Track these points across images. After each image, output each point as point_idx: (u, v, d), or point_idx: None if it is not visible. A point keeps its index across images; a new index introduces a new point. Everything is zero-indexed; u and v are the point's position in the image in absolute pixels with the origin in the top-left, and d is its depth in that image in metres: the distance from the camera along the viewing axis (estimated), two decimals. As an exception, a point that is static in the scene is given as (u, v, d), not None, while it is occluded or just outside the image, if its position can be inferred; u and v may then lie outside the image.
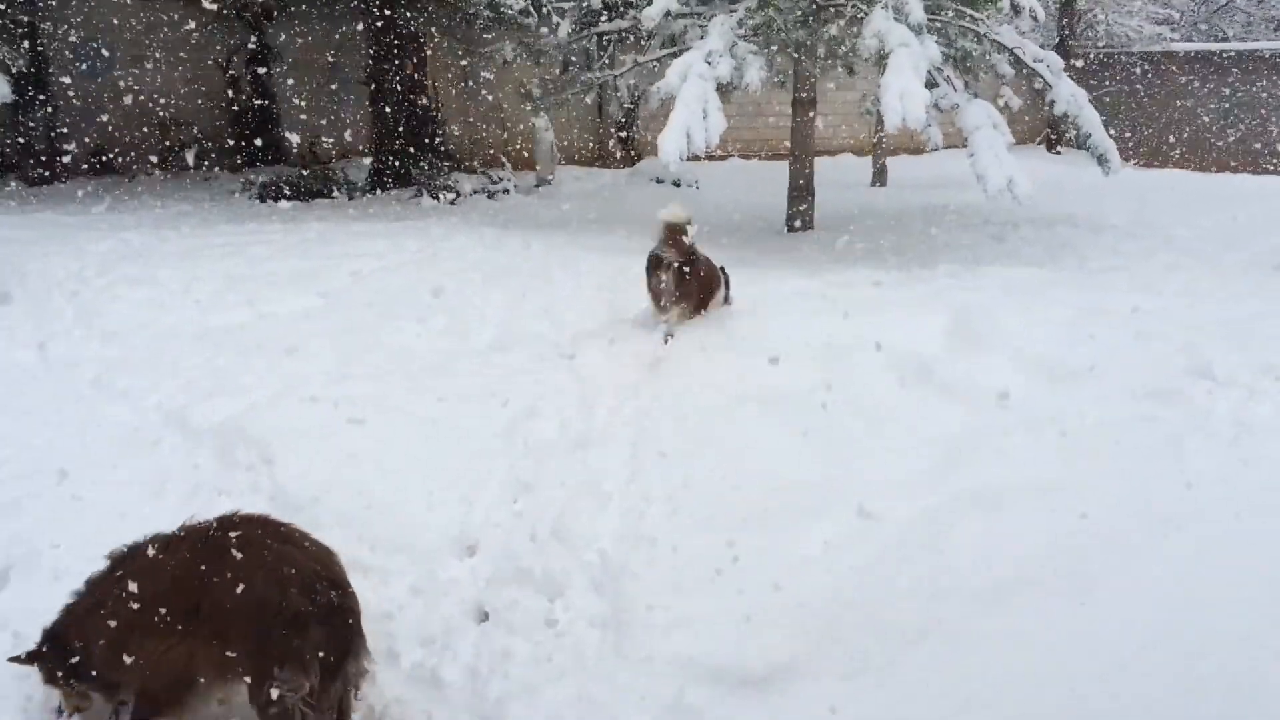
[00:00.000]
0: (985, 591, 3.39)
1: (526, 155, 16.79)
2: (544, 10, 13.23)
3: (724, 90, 9.10)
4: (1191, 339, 5.72)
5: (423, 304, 7.27)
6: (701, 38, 9.61)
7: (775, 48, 10.22)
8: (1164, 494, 4.00)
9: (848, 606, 3.44)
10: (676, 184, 14.92)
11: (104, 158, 15.52)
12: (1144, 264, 8.86)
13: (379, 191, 14.37)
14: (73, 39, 15.11)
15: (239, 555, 2.84)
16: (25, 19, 13.99)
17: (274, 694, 2.70)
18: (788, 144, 11.45)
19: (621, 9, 11.78)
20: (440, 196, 13.74)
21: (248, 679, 2.77)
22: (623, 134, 18.23)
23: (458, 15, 13.94)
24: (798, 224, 11.22)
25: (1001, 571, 3.49)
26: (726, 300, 7.17)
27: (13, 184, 14.07)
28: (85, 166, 15.14)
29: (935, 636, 3.21)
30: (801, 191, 11.26)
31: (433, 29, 15.06)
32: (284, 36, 16.35)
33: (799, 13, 9.78)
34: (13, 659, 3.00)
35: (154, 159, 15.59)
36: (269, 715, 2.75)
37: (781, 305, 7.14)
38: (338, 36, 16.42)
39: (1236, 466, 4.22)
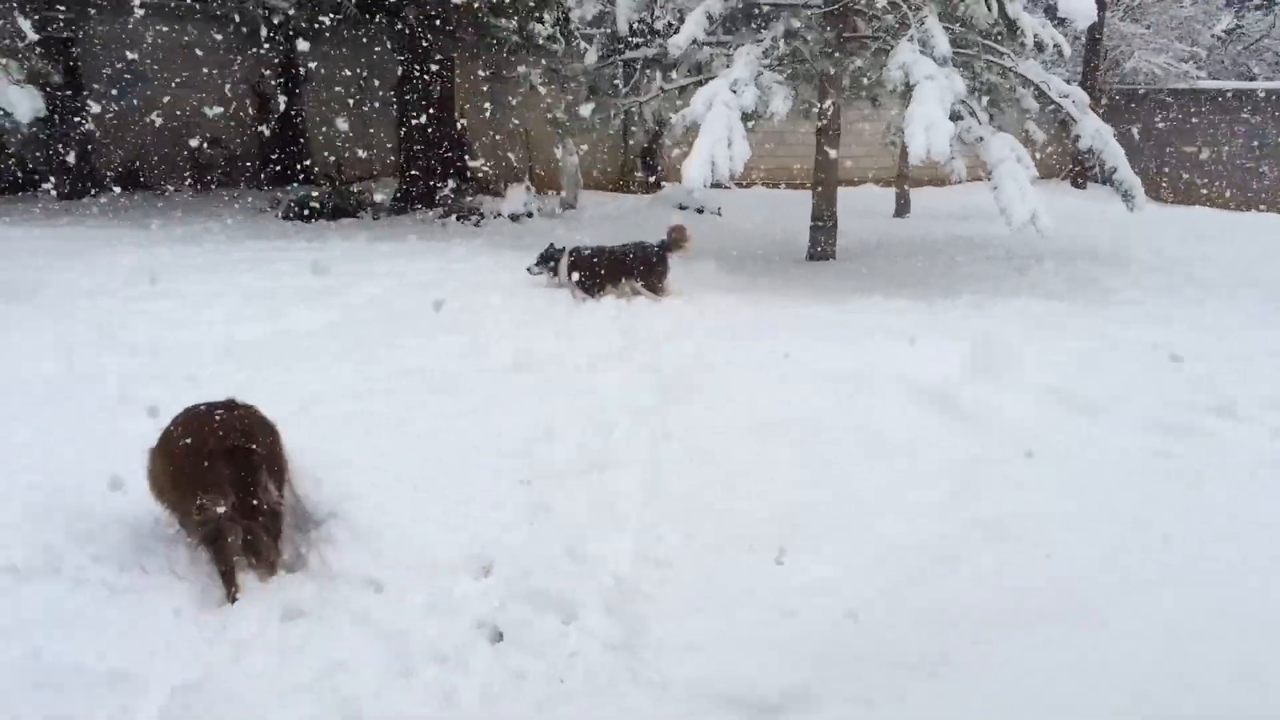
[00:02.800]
0: (997, 620, 3.38)
1: (551, 179, 16.90)
2: (571, 37, 13.37)
3: (748, 119, 9.14)
4: (1211, 374, 5.70)
5: (442, 323, 7.32)
6: (727, 66, 9.68)
7: (800, 78, 10.28)
8: (1177, 528, 3.98)
9: (860, 634, 3.42)
10: (700, 210, 14.97)
11: (134, 173, 15.70)
12: (1165, 299, 8.83)
13: (404, 212, 14.48)
14: (107, 56, 15.33)
15: (198, 423, 3.86)
16: (63, 35, 14.22)
17: (201, 509, 3.61)
18: (811, 173, 11.48)
19: (648, 36, 11.87)
20: (464, 218, 13.83)
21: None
22: (647, 160, 18.33)
23: (486, 40, 14.09)
24: (819, 252, 11.24)
25: (1013, 601, 3.48)
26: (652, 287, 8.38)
27: (44, 197, 14.25)
28: (116, 181, 15.31)
29: (947, 665, 3.19)
30: (824, 220, 11.29)
31: (461, 52, 15.20)
32: (313, 57, 16.54)
33: (825, 44, 9.84)
34: None
35: (184, 175, 15.77)
36: (200, 527, 3.74)
37: (800, 332, 7.14)
38: (366, 58, 16.60)
39: (1253, 502, 4.18)
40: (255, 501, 3.80)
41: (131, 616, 3.60)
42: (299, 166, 16.48)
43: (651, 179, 18.20)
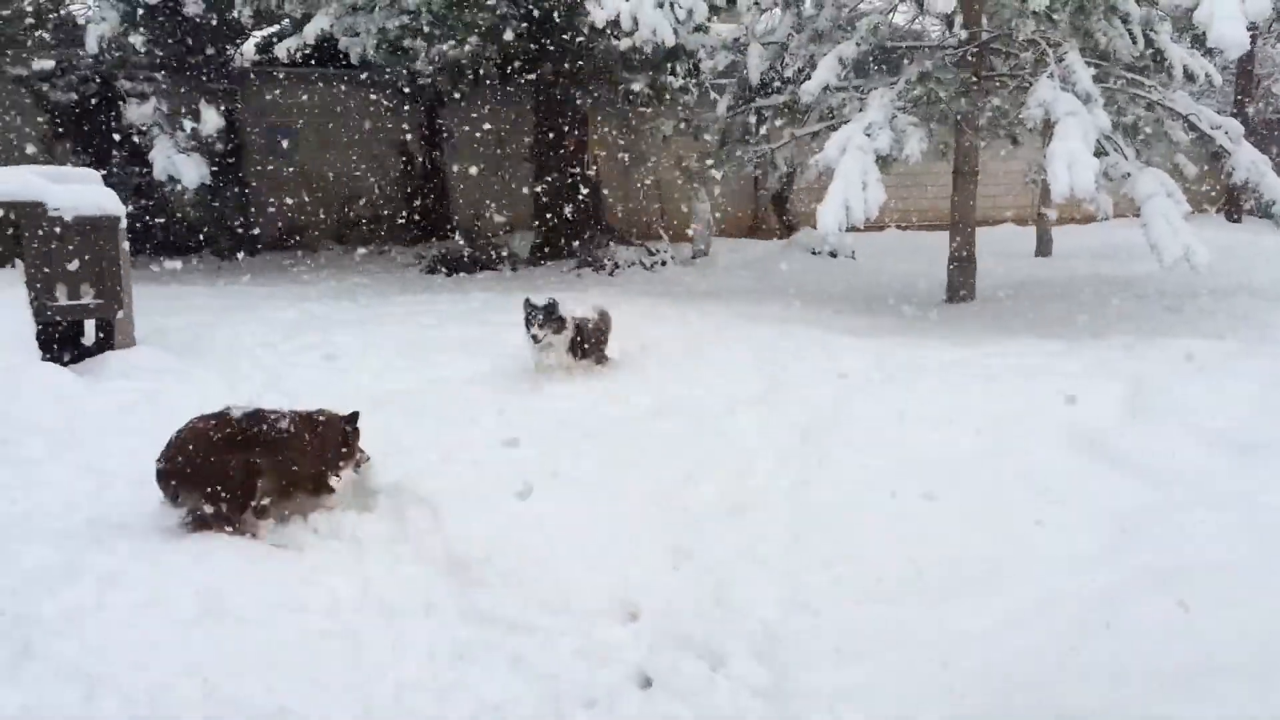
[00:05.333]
0: (1171, 676, 3.20)
1: (683, 227, 17.08)
2: (702, 87, 13.55)
3: (883, 162, 9.09)
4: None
5: (581, 371, 7.45)
6: (860, 110, 9.66)
7: (936, 119, 10.18)
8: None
9: (1019, 687, 3.31)
10: (833, 254, 14.90)
11: (289, 232, 16.55)
12: (1336, 336, 8.33)
13: (541, 263, 14.85)
14: (265, 123, 16.26)
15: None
16: (224, 105, 15.17)
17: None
18: (947, 214, 11.31)
19: (780, 84, 11.95)
20: (599, 268, 14.09)
21: None
22: (779, 206, 18.36)
23: (620, 93, 14.40)
24: (958, 294, 11.04)
25: (1187, 656, 3.29)
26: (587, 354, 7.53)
27: (208, 257, 15.14)
28: (272, 240, 16.18)
29: (1120, 722, 3.06)
30: (962, 261, 11.08)
31: (594, 107, 15.57)
32: (455, 117, 17.19)
33: (960, 84, 9.73)
34: None
35: (334, 233, 16.55)
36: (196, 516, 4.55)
37: (942, 375, 7.01)
38: (504, 116, 17.18)
39: None
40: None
41: (297, 655, 3.77)
42: (442, 222, 17.10)
43: (784, 225, 18.21)
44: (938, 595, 3.90)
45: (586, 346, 7.51)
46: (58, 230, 7.46)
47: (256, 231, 16.14)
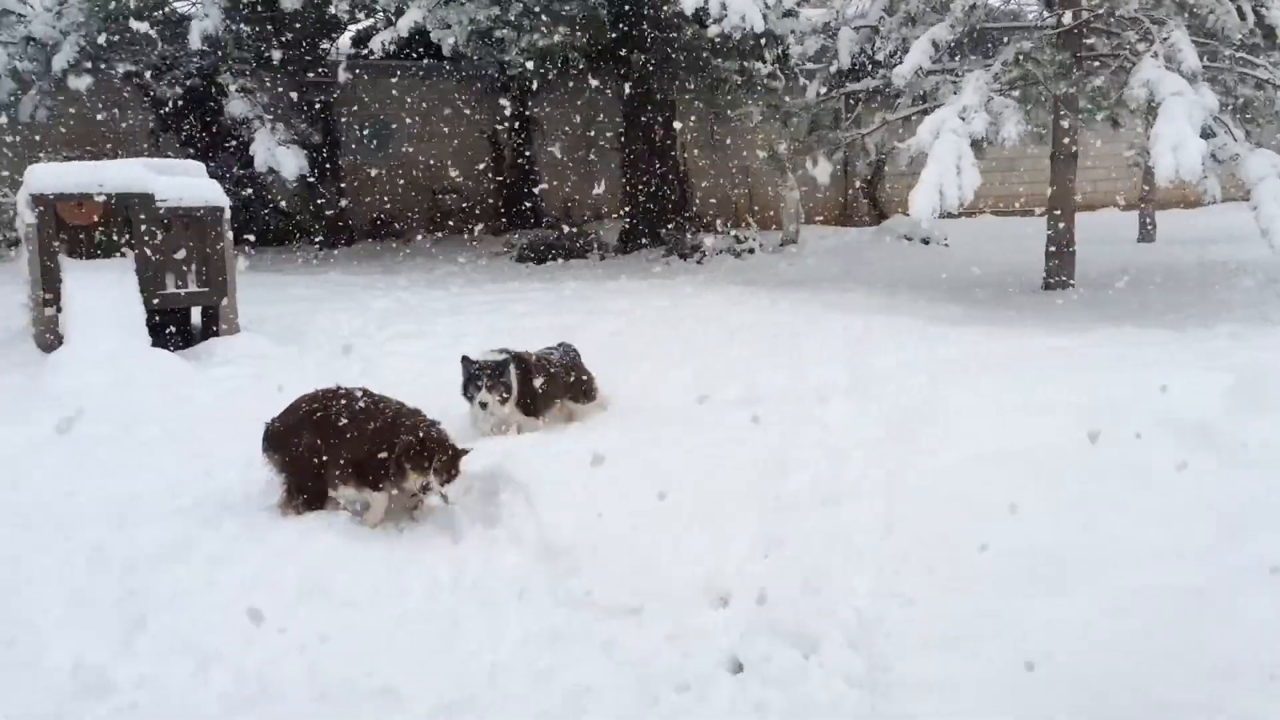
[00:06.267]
0: (1280, 673, 3.10)
1: (771, 215, 16.97)
2: (792, 73, 13.43)
3: (978, 145, 8.91)
4: None
5: (670, 358, 7.47)
6: (955, 93, 9.47)
7: (1033, 101, 9.94)
8: None
9: (1118, 681, 3.23)
10: (926, 241, 14.66)
11: (383, 223, 16.89)
12: None
13: (630, 251, 14.90)
14: (361, 116, 16.61)
15: None
16: (321, 100, 15.53)
17: None
18: (1044, 199, 11.04)
19: (871, 68, 11.79)
20: (687, 256, 14.09)
21: None
22: (869, 192, 18.12)
23: (707, 80, 14.36)
24: (1056, 281, 10.76)
25: (1309, 653, 3.17)
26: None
27: (305, 247, 15.54)
28: (367, 231, 16.53)
29: (1225, 716, 2.96)
30: (1060, 247, 10.80)
31: (682, 94, 15.55)
32: (544, 106, 17.33)
33: (1059, 65, 9.47)
34: None
35: (427, 223, 16.85)
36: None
37: (1040, 364, 6.84)
38: (593, 105, 17.26)
39: None
40: None
41: (396, 636, 3.87)
42: (531, 211, 17.27)
43: (875, 211, 17.98)
44: (1034, 587, 3.81)
45: (543, 393, 6.16)
46: (166, 221, 7.73)
47: (351, 221, 16.50)
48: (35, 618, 3.87)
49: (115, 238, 7.73)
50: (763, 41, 13.02)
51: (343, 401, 4.90)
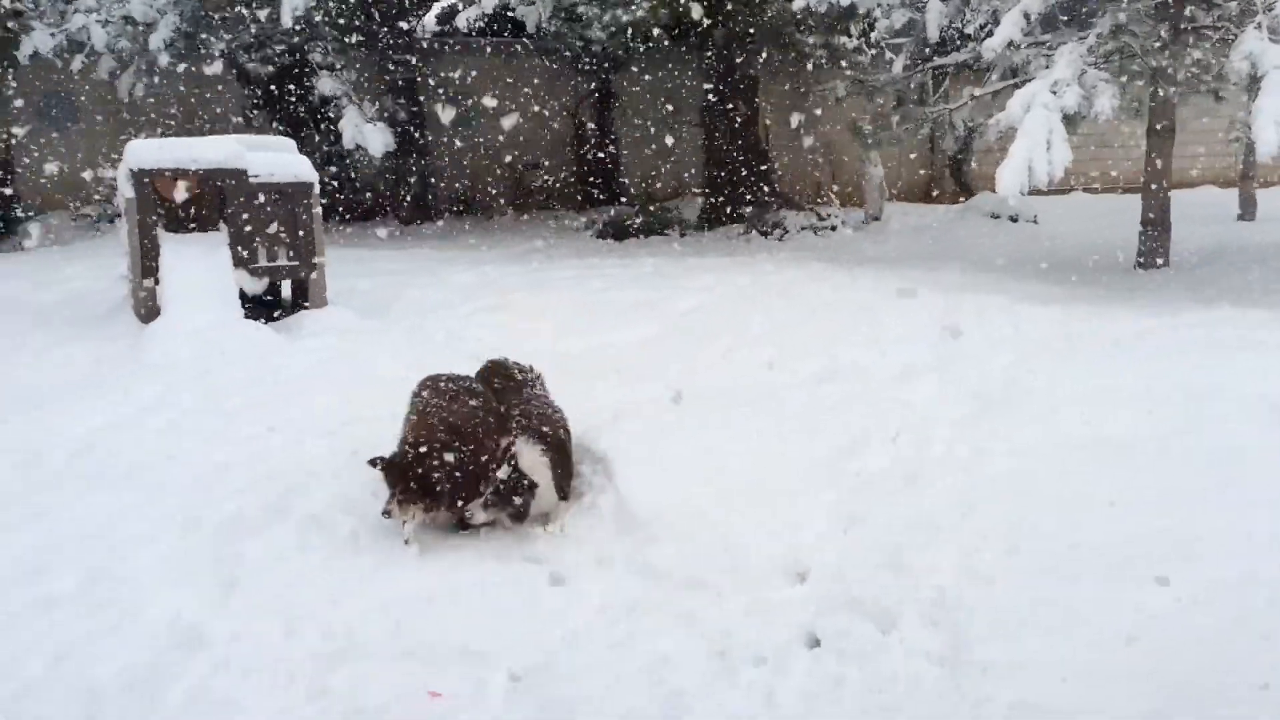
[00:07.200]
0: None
1: (854, 192, 16.76)
2: (877, 47, 13.21)
3: (1070, 120, 8.67)
4: None
5: (751, 335, 7.45)
6: (1046, 67, 9.23)
7: (1129, 75, 9.64)
8: None
9: (1208, 666, 3.15)
10: (1014, 219, 14.34)
11: (466, 199, 17.09)
12: None
13: (710, 228, 14.85)
14: (445, 93, 16.78)
15: None
16: (407, 77, 15.73)
17: None
18: (1139, 176, 10.71)
19: (960, 42, 11.54)
20: (768, 233, 14.00)
21: None
22: (955, 169, 17.78)
23: (791, 55, 14.21)
24: (1150, 260, 10.45)
25: None
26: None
27: (391, 223, 15.80)
28: (450, 207, 16.73)
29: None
30: (1155, 226, 10.49)
31: (765, 69, 15.41)
32: (625, 83, 17.32)
33: (1157, 37, 9.16)
34: None
35: (509, 200, 17.00)
36: None
37: (1131, 345, 6.67)
38: (674, 81, 17.19)
39: None
40: None
41: (477, 600, 3.95)
42: (612, 187, 17.31)
43: (961, 189, 17.64)
44: (1122, 572, 3.73)
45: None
46: (258, 195, 7.93)
47: (435, 198, 16.72)
48: (134, 576, 4.03)
49: (210, 212, 7.95)
50: (848, 15, 12.83)
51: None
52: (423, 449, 4.31)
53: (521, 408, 4.98)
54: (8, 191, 14.43)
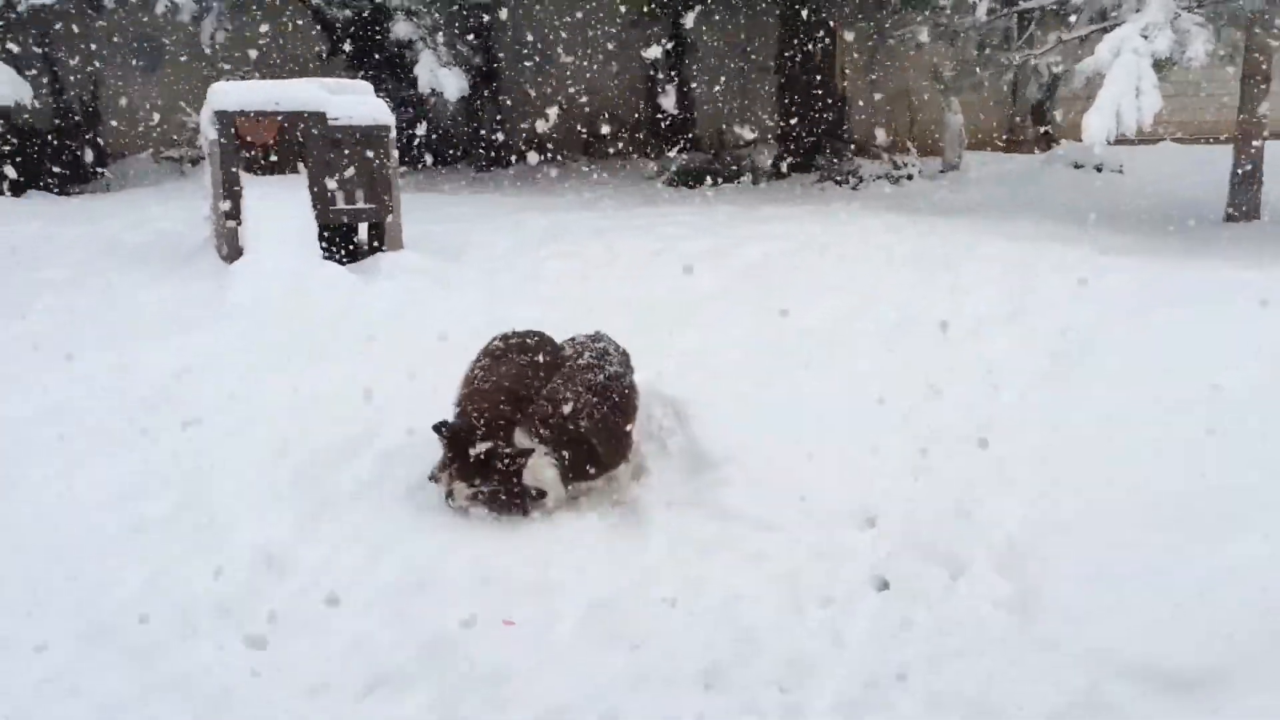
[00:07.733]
0: None
1: (933, 140, 16.43)
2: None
3: (1160, 66, 8.40)
4: None
5: (825, 284, 7.40)
6: (1137, 10, 8.93)
7: (1225, 19, 9.28)
8: None
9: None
10: (1099, 169, 13.95)
11: (539, 145, 17.09)
12: None
13: (784, 176, 14.70)
14: (519, 38, 16.76)
15: None
16: (481, 21, 15.73)
17: None
18: (1232, 125, 10.35)
19: (1047, -16, 11.18)
20: (843, 182, 13.82)
21: None
22: (1039, 118, 17.32)
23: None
24: (1240, 213, 10.14)
25: None
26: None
27: (465, 168, 15.91)
28: (523, 152, 16.76)
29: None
30: (1247, 178, 10.15)
31: (843, 14, 15.10)
32: (700, 27, 17.10)
33: (1258, -22, 8.81)
34: None
35: (582, 146, 16.97)
36: None
37: (1218, 299, 6.47)
38: (749, 27, 16.94)
39: None
40: None
41: (549, 539, 4.04)
42: (685, 134, 17.17)
43: (1044, 138, 17.19)
44: (1202, 528, 3.69)
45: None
46: (337, 138, 8.04)
47: (509, 143, 16.77)
48: (224, 503, 4.20)
49: (290, 154, 8.08)
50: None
51: None
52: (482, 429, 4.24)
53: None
54: (95, 134, 14.79)
